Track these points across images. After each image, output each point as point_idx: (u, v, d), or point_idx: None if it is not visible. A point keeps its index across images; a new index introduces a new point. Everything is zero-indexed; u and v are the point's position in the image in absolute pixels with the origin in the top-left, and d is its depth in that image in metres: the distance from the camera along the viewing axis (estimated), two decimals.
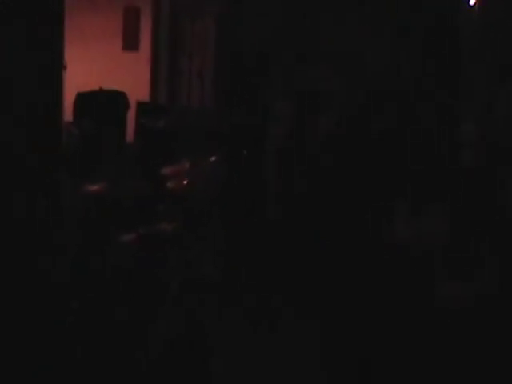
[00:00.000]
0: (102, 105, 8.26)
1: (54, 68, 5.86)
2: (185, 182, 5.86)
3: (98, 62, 8.81)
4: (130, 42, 9.26)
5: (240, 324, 5.19)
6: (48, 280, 4.93)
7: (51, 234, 5.32)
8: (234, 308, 5.36)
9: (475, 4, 6.05)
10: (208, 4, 8.56)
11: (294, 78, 5.46)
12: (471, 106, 5.17)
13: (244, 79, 7.81)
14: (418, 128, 4.99)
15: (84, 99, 8.22)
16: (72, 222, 5.76)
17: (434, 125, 5.00)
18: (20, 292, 4.81)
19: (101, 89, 8.39)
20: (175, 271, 5.59)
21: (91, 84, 8.31)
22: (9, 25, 5.38)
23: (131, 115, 8.61)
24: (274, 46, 7.58)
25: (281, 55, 7.48)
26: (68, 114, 7.73)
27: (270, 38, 7.61)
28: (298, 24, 7.36)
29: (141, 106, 8.65)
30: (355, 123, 5.31)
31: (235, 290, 5.67)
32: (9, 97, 5.44)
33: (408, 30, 6.26)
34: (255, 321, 5.22)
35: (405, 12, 6.41)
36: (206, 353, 4.72)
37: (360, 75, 5.61)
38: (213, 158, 6.09)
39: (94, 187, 6.01)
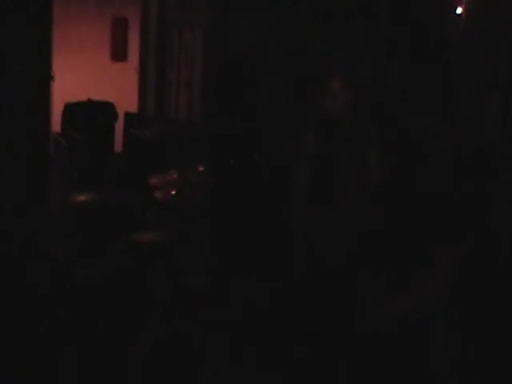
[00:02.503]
0: (90, 115, 8.27)
1: (42, 79, 5.89)
2: (173, 192, 5.87)
3: (86, 73, 8.81)
4: (119, 53, 9.27)
5: (228, 335, 5.20)
6: (35, 289, 4.94)
7: (39, 245, 5.33)
8: (222, 318, 5.37)
9: (461, 13, 6.08)
10: (196, 15, 8.57)
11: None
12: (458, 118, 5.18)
13: (232, 90, 7.83)
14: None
15: (72, 110, 8.23)
16: (60, 233, 5.77)
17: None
18: (6, 301, 4.82)
19: (89, 99, 8.40)
20: (163, 280, 5.59)
21: (79, 94, 8.32)
22: None
23: (119, 126, 8.61)
24: (262, 56, 7.60)
25: (268, 65, 7.50)
26: (56, 124, 7.73)
27: (257, 49, 7.63)
28: (286, 35, 7.39)
29: (129, 116, 8.66)
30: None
31: (224, 300, 5.68)
32: None
33: (394, 43, 6.29)
34: (243, 332, 5.23)
35: (390, 24, 6.44)
36: (193, 363, 4.72)
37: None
38: (201, 168, 6.11)
39: (82, 197, 6.02)
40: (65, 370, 4.55)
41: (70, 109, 8.23)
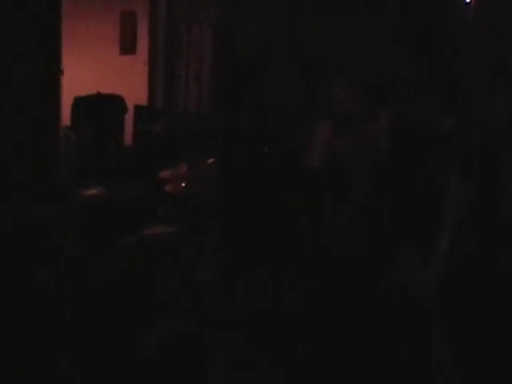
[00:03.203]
0: (100, 109, 8.28)
1: (52, 73, 5.89)
2: (183, 185, 5.87)
3: (95, 66, 8.82)
4: (127, 46, 9.27)
5: (235, 331, 5.20)
6: (46, 285, 4.95)
7: (50, 240, 5.34)
8: (229, 313, 5.37)
9: (470, 2, 6.06)
10: (204, 9, 8.58)
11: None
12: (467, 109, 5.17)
13: (240, 83, 7.83)
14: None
15: (82, 103, 8.23)
16: (71, 227, 5.78)
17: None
18: (15, 297, 4.83)
19: (98, 93, 8.40)
20: (172, 274, 5.60)
21: (89, 88, 8.33)
22: (7, 30, 5.41)
23: (129, 119, 8.62)
24: (270, 50, 7.60)
25: (276, 60, 7.51)
26: (66, 118, 7.75)
27: (265, 42, 7.63)
28: (293, 28, 7.39)
29: (138, 109, 8.66)
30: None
31: (233, 293, 5.68)
32: (7, 102, 5.48)
33: (403, 32, 6.28)
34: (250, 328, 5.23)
35: (399, 13, 6.42)
36: (202, 357, 4.72)
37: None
38: (210, 161, 6.11)
39: (93, 191, 6.03)
40: (71, 365, 4.55)
41: (79, 102, 8.23)
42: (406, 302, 4.47)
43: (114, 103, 8.46)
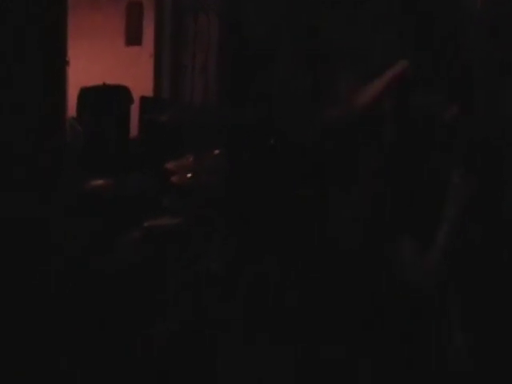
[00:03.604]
0: (106, 100, 8.26)
1: (58, 64, 5.87)
2: (188, 176, 5.85)
3: (100, 57, 8.79)
4: (133, 37, 9.25)
5: (244, 321, 5.17)
6: (51, 279, 4.94)
7: (55, 231, 5.33)
8: (238, 303, 5.35)
9: None
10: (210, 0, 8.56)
11: None
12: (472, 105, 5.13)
13: (247, 73, 7.80)
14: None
15: (87, 94, 8.22)
16: (75, 218, 5.76)
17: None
18: (22, 292, 4.82)
19: (104, 84, 8.38)
20: (180, 265, 5.58)
21: (94, 79, 8.31)
22: (12, 21, 5.39)
23: (135, 110, 8.60)
24: (279, 41, 7.56)
25: (283, 51, 7.46)
26: (71, 109, 7.73)
27: (272, 33, 7.59)
28: (301, 19, 7.34)
29: (144, 100, 8.65)
30: None
31: (241, 285, 5.66)
32: (12, 93, 5.46)
33: (409, 25, 6.23)
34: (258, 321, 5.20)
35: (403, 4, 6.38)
36: (210, 349, 4.71)
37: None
38: (216, 152, 6.09)
39: (98, 182, 6.02)
40: (75, 361, 4.54)
41: (85, 93, 8.22)
42: (406, 297, 4.46)
43: (119, 94, 8.44)
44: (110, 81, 8.44)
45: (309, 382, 4.62)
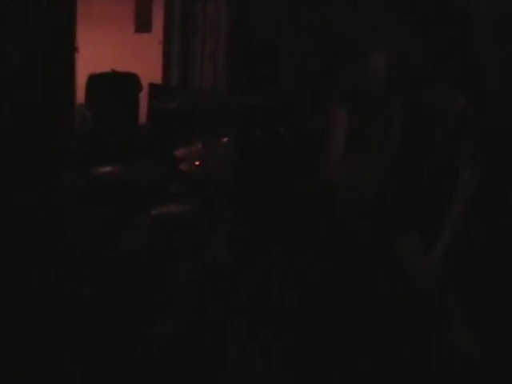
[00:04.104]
0: (114, 86, 8.26)
1: (67, 50, 5.86)
2: (197, 163, 5.85)
3: (110, 44, 8.80)
4: (143, 24, 9.25)
5: (249, 314, 5.16)
6: (59, 268, 4.93)
7: (63, 219, 5.32)
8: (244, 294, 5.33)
9: None
10: None
11: None
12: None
13: (256, 62, 7.78)
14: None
15: (96, 81, 8.22)
16: (84, 205, 5.76)
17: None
18: (31, 281, 4.81)
19: (113, 71, 8.38)
20: (188, 253, 5.58)
21: (103, 66, 8.31)
22: (20, 9, 5.38)
23: (143, 97, 8.60)
24: (288, 29, 7.54)
25: (293, 37, 7.44)
26: (80, 96, 7.73)
27: (283, 22, 7.57)
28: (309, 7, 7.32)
29: (153, 87, 8.65)
30: None
31: (248, 274, 5.65)
32: (22, 81, 5.45)
33: (422, 17, 6.20)
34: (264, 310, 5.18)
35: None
36: (217, 340, 4.69)
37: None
38: (225, 140, 6.08)
39: (107, 169, 6.01)
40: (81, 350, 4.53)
41: (94, 80, 8.22)
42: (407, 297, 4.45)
43: (128, 81, 8.44)
44: (119, 68, 8.44)
45: (310, 381, 4.61)
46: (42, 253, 4.95)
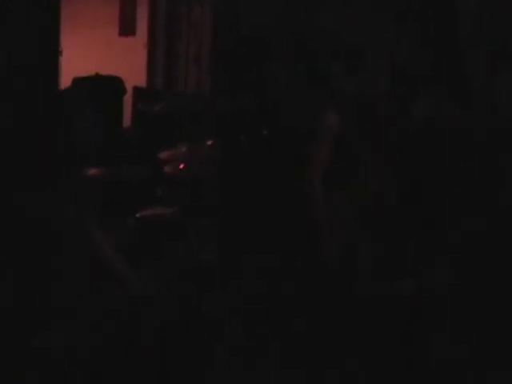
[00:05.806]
0: (99, 90, 8.25)
1: (51, 54, 5.86)
2: (181, 166, 5.86)
3: (94, 48, 8.79)
4: (127, 27, 9.24)
5: (238, 312, 5.16)
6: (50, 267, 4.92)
7: (53, 222, 5.32)
8: (232, 295, 5.33)
9: None
10: None
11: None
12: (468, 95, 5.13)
13: (241, 65, 7.80)
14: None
15: (80, 84, 8.21)
16: (71, 208, 5.75)
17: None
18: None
19: (97, 74, 8.37)
20: (173, 256, 5.59)
21: (87, 69, 8.30)
22: (4, 12, 5.37)
23: (128, 100, 8.60)
24: (273, 32, 7.55)
25: (281, 42, 7.46)
26: None
27: (268, 25, 7.59)
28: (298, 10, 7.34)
29: (137, 91, 8.65)
30: None
31: (234, 276, 5.66)
32: (6, 83, 5.44)
33: (406, 14, 6.23)
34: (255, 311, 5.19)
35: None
36: (203, 341, 4.69)
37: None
38: (210, 143, 6.09)
39: (92, 172, 6.01)
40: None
41: (78, 83, 8.20)
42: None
43: (112, 85, 8.43)
44: (104, 71, 8.43)
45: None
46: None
